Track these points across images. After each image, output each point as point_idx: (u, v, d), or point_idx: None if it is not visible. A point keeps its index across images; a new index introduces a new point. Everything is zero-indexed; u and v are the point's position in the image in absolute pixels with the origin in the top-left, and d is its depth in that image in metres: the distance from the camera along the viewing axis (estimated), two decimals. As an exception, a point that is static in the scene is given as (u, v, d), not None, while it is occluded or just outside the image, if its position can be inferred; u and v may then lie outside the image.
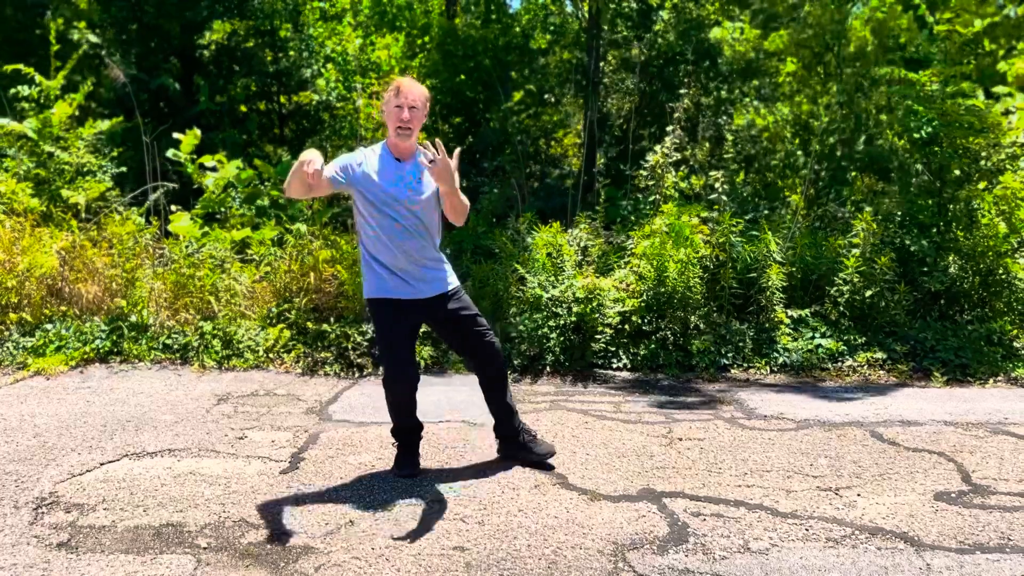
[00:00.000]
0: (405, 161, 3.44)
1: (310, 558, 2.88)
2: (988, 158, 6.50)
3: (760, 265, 6.16)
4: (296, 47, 14.31)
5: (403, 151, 3.43)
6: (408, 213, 3.40)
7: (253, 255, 6.69)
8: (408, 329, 3.55)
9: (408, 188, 3.40)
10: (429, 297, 3.52)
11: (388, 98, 3.38)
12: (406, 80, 3.39)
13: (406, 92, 3.34)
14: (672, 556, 2.94)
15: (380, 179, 3.39)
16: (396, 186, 3.39)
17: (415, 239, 3.43)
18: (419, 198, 3.41)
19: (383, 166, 3.42)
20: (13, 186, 6.83)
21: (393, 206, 3.38)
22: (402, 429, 3.70)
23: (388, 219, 3.39)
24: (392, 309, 3.49)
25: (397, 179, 3.40)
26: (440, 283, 3.54)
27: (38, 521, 3.13)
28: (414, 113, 3.36)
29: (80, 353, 5.44)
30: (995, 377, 5.64)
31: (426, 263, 3.49)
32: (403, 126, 3.35)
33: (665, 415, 4.64)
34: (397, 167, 3.42)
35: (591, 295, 5.55)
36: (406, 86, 3.36)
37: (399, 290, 3.47)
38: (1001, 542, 3.10)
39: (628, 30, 11.87)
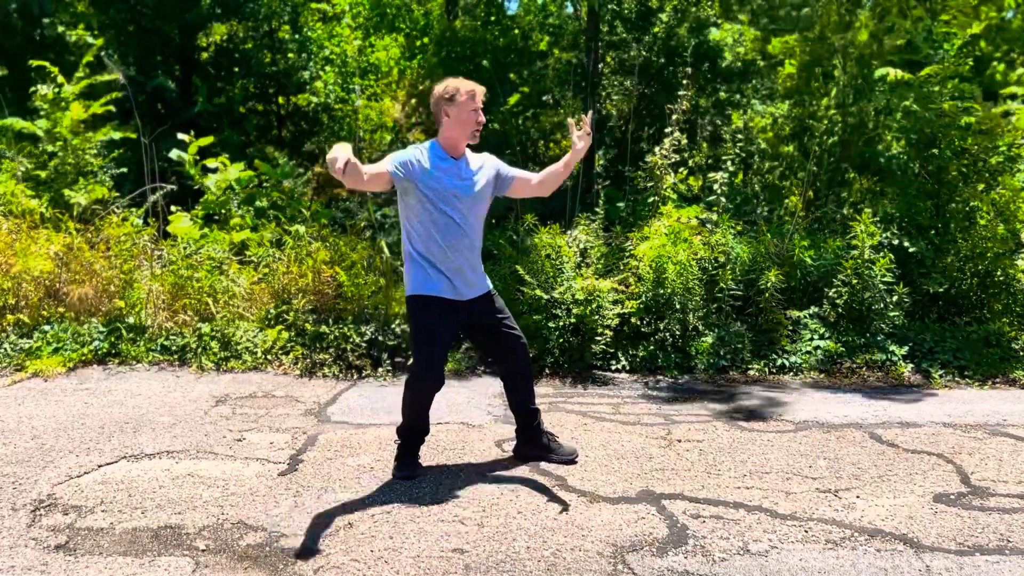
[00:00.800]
0: (458, 159, 3.54)
1: (308, 560, 2.87)
2: (987, 159, 6.51)
3: (759, 267, 6.16)
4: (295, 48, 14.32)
5: (457, 151, 3.53)
6: (464, 209, 3.48)
7: (251, 257, 6.68)
8: (450, 331, 3.60)
9: (466, 184, 3.50)
10: (471, 299, 3.57)
11: (465, 100, 3.46)
12: (476, 84, 3.53)
13: (479, 95, 3.50)
14: (671, 558, 2.94)
15: (439, 175, 3.46)
16: (455, 182, 3.47)
17: (467, 236, 3.51)
18: (475, 193, 3.52)
19: (440, 163, 3.49)
20: (12, 187, 6.81)
21: (451, 202, 3.45)
22: (411, 429, 3.70)
23: (444, 216, 3.45)
24: (437, 309, 3.51)
25: (455, 176, 3.49)
26: (482, 284, 3.64)
27: (36, 523, 3.12)
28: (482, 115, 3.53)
29: (78, 355, 5.43)
30: (994, 379, 5.64)
31: (473, 263, 3.57)
32: (479, 128, 3.53)
33: (664, 417, 4.64)
34: (453, 164, 3.51)
35: (590, 297, 5.54)
36: (480, 90, 3.52)
37: (447, 290, 3.50)
38: (1000, 544, 3.10)
39: (627, 32, 11.88)
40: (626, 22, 11.88)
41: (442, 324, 3.52)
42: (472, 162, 3.58)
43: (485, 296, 3.64)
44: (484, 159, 3.66)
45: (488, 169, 3.63)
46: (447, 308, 3.51)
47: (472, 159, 3.60)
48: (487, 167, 3.63)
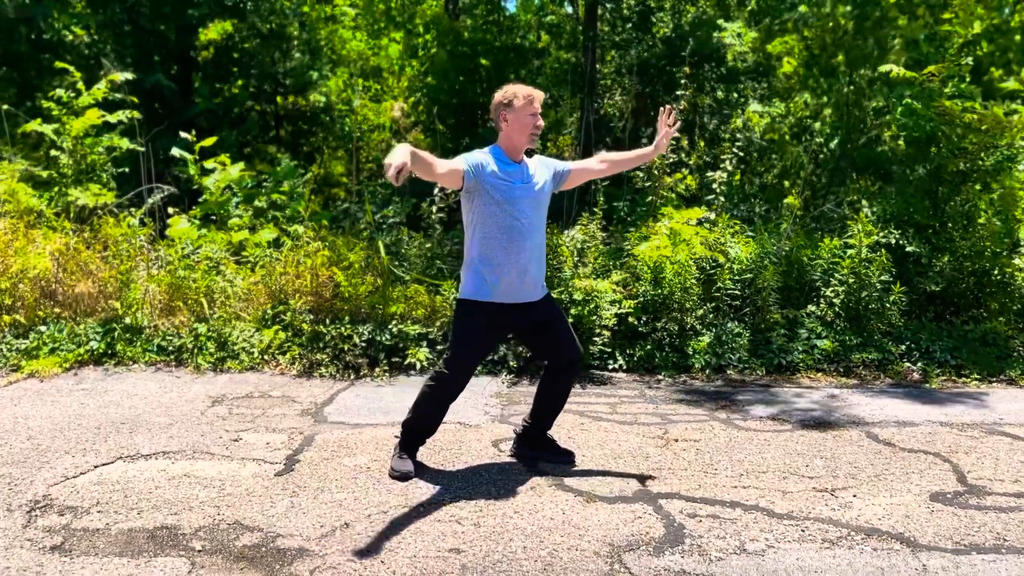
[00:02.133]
0: (520, 164, 3.58)
1: (305, 561, 2.87)
2: (986, 158, 6.51)
3: (756, 266, 6.16)
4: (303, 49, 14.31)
5: (518, 155, 3.58)
6: (529, 212, 3.52)
7: (249, 257, 6.68)
8: (494, 339, 3.68)
9: (529, 187, 3.54)
10: (527, 302, 3.58)
11: (521, 105, 3.50)
12: (534, 89, 3.57)
13: (537, 100, 3.54)
14: (668, 557, 2.94)
15: (506, 178, 3.50)
16: (520, 185, 3.52)
17: (532, 238, 3.53)
18: (538, 195, 3.58)
19: (504, 168, 3.52)
20: (13, 185, 6.80)
21: (518, 205, 3.49)
22: (417, 428, 3.70)
23: (511, 218, 3.47)
24: (490, 314, 3.52)
25: (519, 179, 3.53)
26: (543, 285, 3.67)
27: (31, 524, 3.11)
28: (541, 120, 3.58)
29: (74, 355, 5.42)
30: (990, 378, 5.65)
31: (539, 263, 3.60)
32: (537, 133, 3.57)
33: (661, 416, 4.64)
34: (516, 168, 3.55)
35: (588, 297, 5.54)
36: (538, 96, 3.55)
37: (503, 294, 3.50)
38: (997, 543, 3.10)
39: (627, 31, 11.88)
40: (626, 21, 11.88)
41: (488, 332, 3.57)
42: (531, 165, 3.64)
43: (544, 299, 3.69)
44: (539, 161, 3.73)
45: (544, 170, 3.69)
46: (501, 313, 3.53)
47: (530, 163, 3.65)
48: (543, 168, 3.70)
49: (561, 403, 3.82)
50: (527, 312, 3.59)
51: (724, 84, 12.02)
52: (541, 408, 3.82)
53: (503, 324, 3.59)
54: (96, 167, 7.53)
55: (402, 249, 6.66)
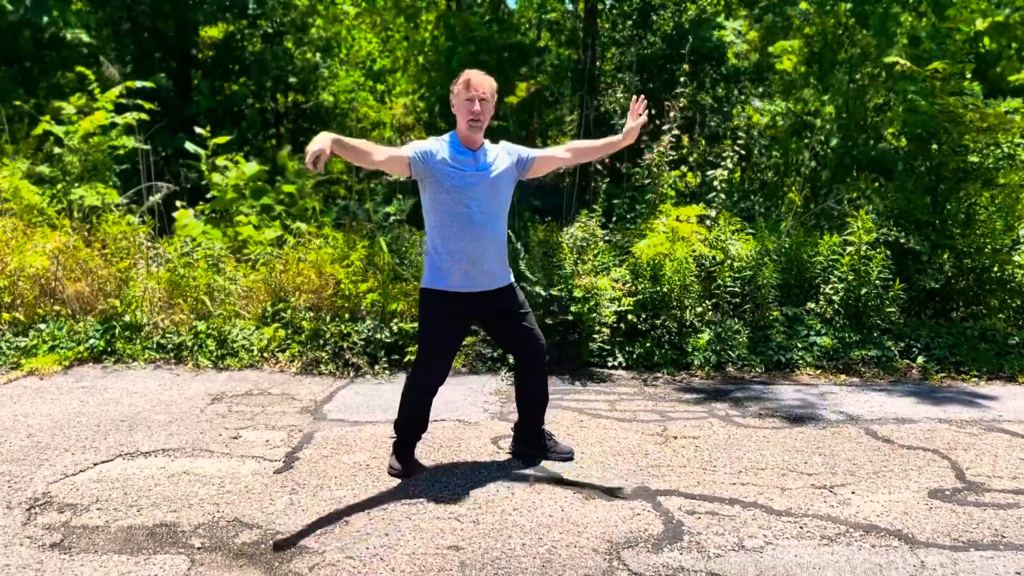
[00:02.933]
0: (476, 151, 3.50)
1: (304, 558, 2.88)
2: (988, 156, 6.51)
3: (756, 263, 6.16)
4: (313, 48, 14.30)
5: (473, 142, 3.49)
6: (482, 200, 3.44)
7: (250, 254, 6.68)
8: (456, 323, 3.56)
9: (483, 176, 3.46)
10: (490, 290, 3.53)
11: (458, 91, 3.43)
12: (475, 73, 3.45)
13: (476, 85, 3.40)
14: (667, 554, 2.94)
15: (457, 166, 3.44)
16: (472, 173, 3.44)
17: (487, 227, 3.46)
18: (492, 183, 3.48)
19: (457, 155, 3.46)
20: (16, 183, 6.79)
21: (469, 193, 3.42)
22: (409, 426, 3.70)
23: (462, 206, 3.41)
24: (448, 303, 3.49)
25: (471, 167, 3.46)
26: (503, 276, 3.59)
27: (31, 521, 3.12)
28: (484, 106, 3.42)
29: (74, 353, 5.42)
30: (989, 375, 5.65)
31: (494, 254, 3.52)
32: (475, 118, 3.41)
33: (660, 413, 4.64)
34: (470, 156, 3.48)
35: (588, 294, 5.54)
36: (476, 79, 3.41)
37: (461, 283, 3.47)
38: (995, 539, 3.10)
39: (628, 28, 11.87)
40: (627, 18, 11.88)
41: (449, 320, 3.52)
42: (489, 153, 3.55)
43: (506, 289, 3.61)
44: (500, 147, 3.63)
45: (507, 156, 3.59)
46: (458, 302, 3.49)
47: (490, 150, 3.57)
48: (504, 154, 3.59)
49: (539, 398, 3.75)
50: (487, 301, 3.54)
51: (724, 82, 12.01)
52: (523, 406, 3.80)
53: (464, 314, 3.54)
54: (101, 166, 7.54)
55: (403, 247, 6.66)
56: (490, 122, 3.54)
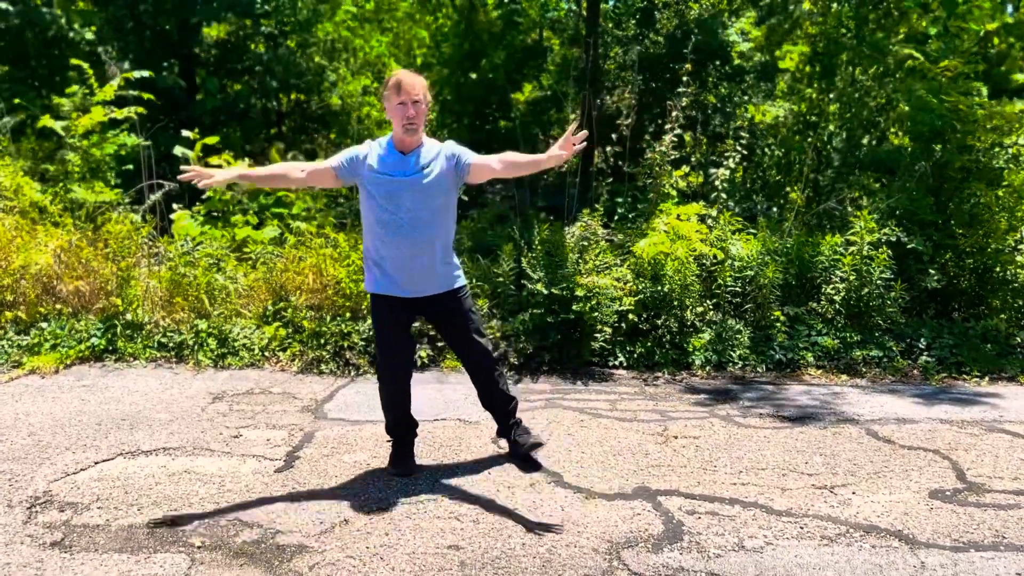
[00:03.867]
0: (408, 154, 3.41)
1: (304, 557, 2.88)
2: (993, 156, 6.50)
3: (757, 263, 6.15)
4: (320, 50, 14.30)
5: (408, 145, 3.41)
6: (412, 204, 3.35)
7: (250, 253, 6.68)
8: (399, 325, 3.54)
9: (412, 179, 3.36)
10: (424, 296, 3.50)
11: (389, 95, 3.33)
12: (405, 75, 3.34)
13: (407, 88, 3.30)
14: (667, 554, 2.94)
15: (382, 170, 3.38)
16: (399, 177, 3.36)
17: (417, 231, 3.37)
18: (424, 187, 3.36)
19: (386, 159, 3.41)
20: (19, 180, 6.79)
21: (395, 198, 3.35)
22: (396, 427, 3.71)
23: (388, 211, 3.35)
24: (387, 305, 3.50)
25: (400, 171, 3.38)
26: (443, 282, 3.50)
27: (32, 520, 3.13)
28: (418, 108, 3.33)
29: (75, 352, 5.43)
30: (991, 375, 5.64)
31: (427, 259, 3.42)
32: (409, 122, 3.33)
33: (660, 413, 4.64)
34: (400, 160, 3.40)
35: (590, 293, 5.54)
36: (407, 82, 3.30)
37: (392, 287, 3.46)
38: (995, 540, 3.10)
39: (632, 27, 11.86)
40: (631, 17, 11.86)
41: (394, 324, 3.51)
42: (425, 154, 3.40)
43: (447, 295, 3.52)
44: (440, 148, 3.46)
45: (442, 159, 3.41)
46: (395, 305, 3.48)
47: (427, 151, 3.42)
48: (442, 156, 3.42)
49: (492, 398, 3.71)
50: (425, 306, 3.52)
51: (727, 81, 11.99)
52: (484, 405, 3.79)
53: (407, 316, 3.54)
54: (102, 165, 7.54)
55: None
56: (497, 125, 3.51)
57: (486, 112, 13.09)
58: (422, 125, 3.39)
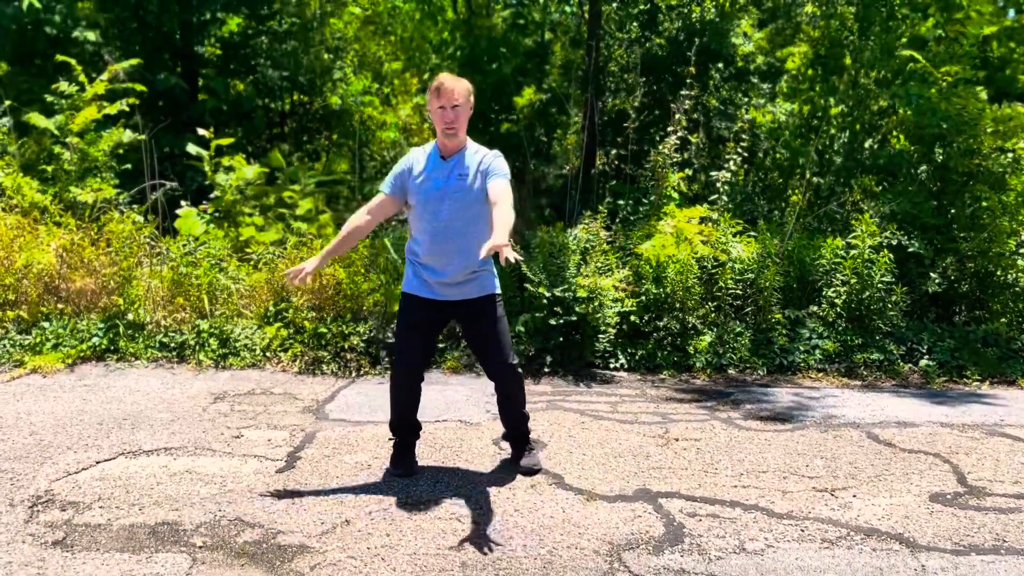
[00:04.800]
0: (449, 158, 3.43)
1: (306, 557, 2.88)
2: (995, 160, 6.50)
3: (758, 266, 6.16)
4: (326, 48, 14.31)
5: (449, 149, 3.43)
6: (450, 211, 3.36)
7: (252, 254, 6.69)
8: (423, 326, 3.55)
9: (450, 186, 3.38)
10: (455, 300, 3.50)
11: (430, 99, 3.36)
12: (446, 79, 3.35)
13: (447, 92, 3.30)
14: (668, 556, 2.94)
15: (424, 178, 3.42)
16: (439, 183, 3.39)
17: (453, 239, 3.38)
18: (461, 195, 3.36)
19: (429, 165, 3.44)
20: (19, 180, 6.80)
21: (434, 204, 3.38)
22: (399, 426, 3.70)
23: (428, 216, 3.39)
24: (413, 305, 3.53)
25: (440, 177, 3.40)
26: (473, 290, 3.49)
27: (33, 519, 3.13)
28: (457, 112, 3.34)
29: (77, 351, 5.44)
30: (992, 379, 5.64)
31: (460, 266, 3.42)
32: (448, 126, 3.34)
33: (662, 415, 4.64)
34: (443, 165, 3.42)
35: (592, 295, 5.54)
36: (447, 86, 3.30)
37: (422, 289, 3.50)
38: (996, 544, 3.10)
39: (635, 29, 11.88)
40: (634, 20, 11.88)
41: (412, 321, 3.53)
42: (466, 161, 3.39)
43: (476, 302, 3.50)
44: (481, 158, 3.41)
45: (479, 170, 3.38)
46: (423, 306, 3.50)
47: (469, 157, 3.40)
48: (479, 167, 3.38)
49: (505, 407, 3.68)
50: (457, 309, 3.52)
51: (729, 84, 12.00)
52: (499, 409, 3.77)
53: (433, 318, 3.55)
54: (99, 164, 7.53)
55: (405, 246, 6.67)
56: (499, 128, 3.51)
57: (490, 115, 13.11)
58: (462, 129, 3.40)
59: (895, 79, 8.89)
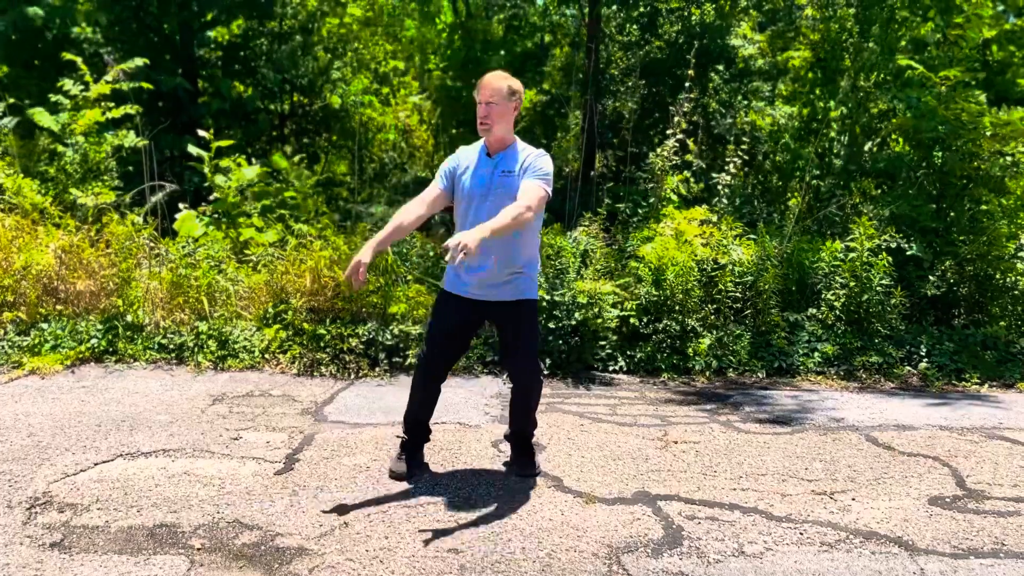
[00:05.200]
0: (494, 156, 3.44)
1: (304, 560, 2.88)
2: (994, 164, 6.51)
3: (757, 268, 6.16)
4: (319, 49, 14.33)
5: (491, 146, 3.45)
6: (490, 208, 3.34)
7: (251, 255, 6.69)
8: (454, 326, 3.54)
9: (491, 183, 3.39)
10: (486, 301, 3.48)
11: (476, 95, 3.42)
12: (487, 76, 3.42)
13: (482, 89, 3.37)
14: (666, 559, 2.94)
15: (469, 173, 3.44)
16: (483, 180, 3.41)
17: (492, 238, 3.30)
18: (500, 193, 3.35)
19: (475, 161, 3.46)
20: (19, 181, 6.79)
21: (474, 201, 3.40)
22: (413, 425, 3.68)
23: (468, 213, 3.40)
24: (446, 302, 3.54)
25: (484, 174, 3.42)
26: (505, 289, 3.46)
27: (31, 521, 3.12)
28: (491, 108, 3.35)
29: (75, 352, 5.43)
30: (990, 382, 5.64)
31: (496, 266, 3.41)
32: (482, 122, 3.38)
33: (661, 418, 4.64)
34: (488, 162, 3.44)
35: (591, 300, 5.54)
36: (483, 83, 3.38)
37: (458, 286, 3.50)
38: (995, 547, 3.10)
39: (635, 32, 11.89)
40: (634, 23, 11.90)
41: (444, 319, 3.54)
42: (511, 160, 3.40)
43: (511, 304, 3.46)
44: (527, 155, 3.42)
45: (523, 167, 3.38)
46: (457, 304, 3.51)
47: (518, 155, 3.41)
48: (523, 163, 3.39)
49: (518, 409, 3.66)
50: (490, 311, 3.51)
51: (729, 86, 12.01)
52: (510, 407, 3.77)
53: (467, 319, 3.54)
54: (101, 166, 7.52)
55: (404, 249, 6.67)
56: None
57: None
58: (496, 125, 3.38)
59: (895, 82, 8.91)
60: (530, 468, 3.74)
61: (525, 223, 3.25)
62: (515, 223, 3.18)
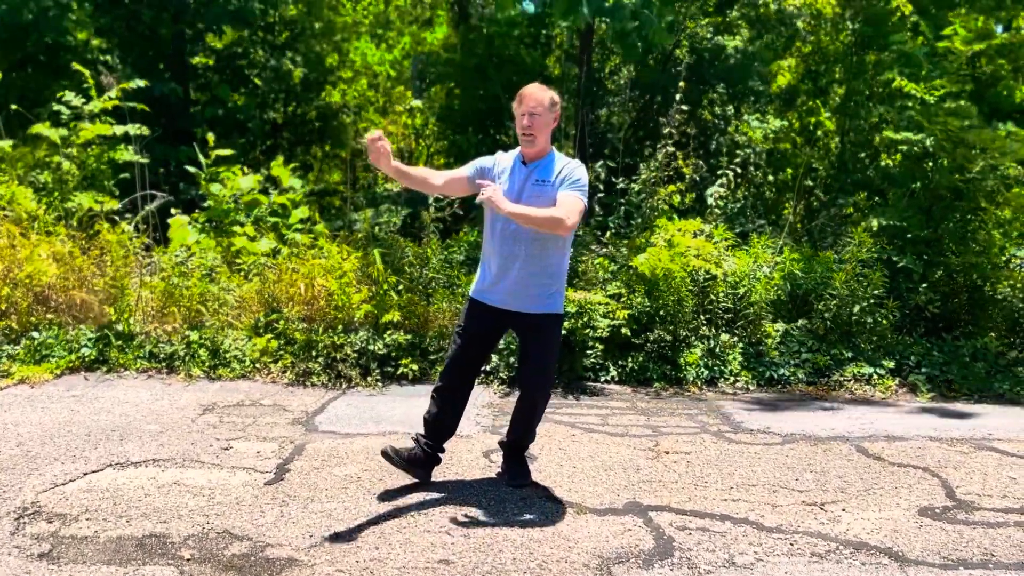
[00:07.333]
0: (530, 164, 3.46)
1: (294, 571, 2.86)
2: (984, 177, 6.56)
3: (749, 279, 6.19)
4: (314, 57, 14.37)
5: (528, 156, 3.48)
6: (511, 222, 3.35)
7: (242, 264, 6.68)
8: (479, 334, 3.56)
9: (525, 189, 3.41)
10: (512, 311, 3.49)
11: (515, 106, 3.45)
12: (530, 87, 3.45)
13: (525, 100, 3.40)
14: (657, 570, 2.94)
15: (503, 178, 3.47)
16: (515, 187, 3.43)
17: (518, 246, 3.40)
18: (531, 199, 3.37)
19: (510, 169, 3.49)
20: (14, 189, 6.77)
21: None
22: (430, 423, 3.68)
23: (497, 221, 3.42)
24: (474, 311, 3.56)
25: (517, 180, 3.44)
26: (529, 301, 3.46)
27: (20, 531, 3.10)
28: (534, 119, 3.38)
29: (66, 362, 5.41)
30: (980, 393, 5.67)
31: (524, 276, 3.42)
32: (524, 132, 3.41)
33: (652, 428, 4.64)
34: (522, 170, 3.47)
35: (582, 310, 5.55)
36: (527, 94, 3.41)
37: (484, 294, 3.52)
38: (984, 558, 3.11)
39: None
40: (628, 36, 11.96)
41: (470, 325, 3.56)
42: (550, 167, 3.43)
43: (536, 316, 3.47)
44: (563, 165, 3.45)
45: (558, 176, 3.41)
46: (483, 312, 3.53)
47: (554, 165, 3.44)
48: (559, 173, 3.41)
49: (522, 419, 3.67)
50: (514, 320, 3.53)
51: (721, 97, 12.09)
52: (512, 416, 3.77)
53: (490, 327, 3.57)
54: (99, 175, 7.51)
55: (397, 258, 6.67)
56: (495, 137, 3.53)
57: (485, 124, 13.19)
58: (540, 137, 3.42)
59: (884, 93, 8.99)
60: (521, 478, 3.73)
61: (556, 228, 3.31)
62: (544, 222, 3.28)
